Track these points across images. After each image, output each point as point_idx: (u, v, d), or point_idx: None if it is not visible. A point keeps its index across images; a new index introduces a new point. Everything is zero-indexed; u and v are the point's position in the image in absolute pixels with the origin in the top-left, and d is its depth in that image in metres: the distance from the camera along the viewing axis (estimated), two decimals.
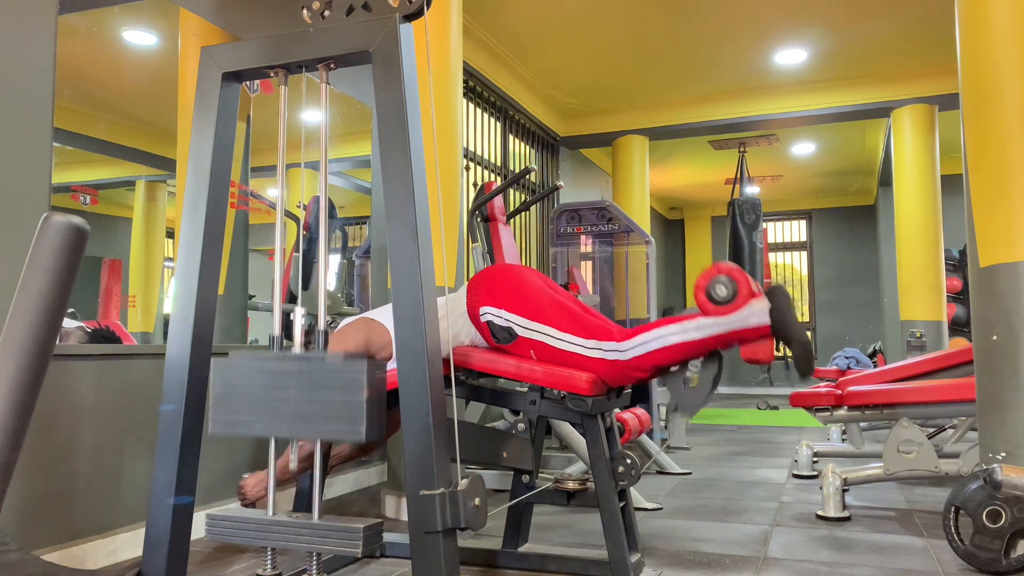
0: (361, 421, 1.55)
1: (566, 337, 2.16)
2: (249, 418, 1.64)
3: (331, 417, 1.57)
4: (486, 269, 2.35)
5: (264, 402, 1.63)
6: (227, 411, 1.66)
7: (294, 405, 1.60)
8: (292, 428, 1.61)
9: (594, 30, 5.67)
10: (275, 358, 1.64)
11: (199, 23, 3.13)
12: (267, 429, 1.63)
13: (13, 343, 1.06)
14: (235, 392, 1.66)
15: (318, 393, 1.59)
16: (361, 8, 1.74)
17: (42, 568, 1.19)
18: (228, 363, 1.67)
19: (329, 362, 1.59)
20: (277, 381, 1.63)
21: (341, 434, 1.56)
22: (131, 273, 2.89)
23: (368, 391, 1.56)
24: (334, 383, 1.58)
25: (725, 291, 1.99)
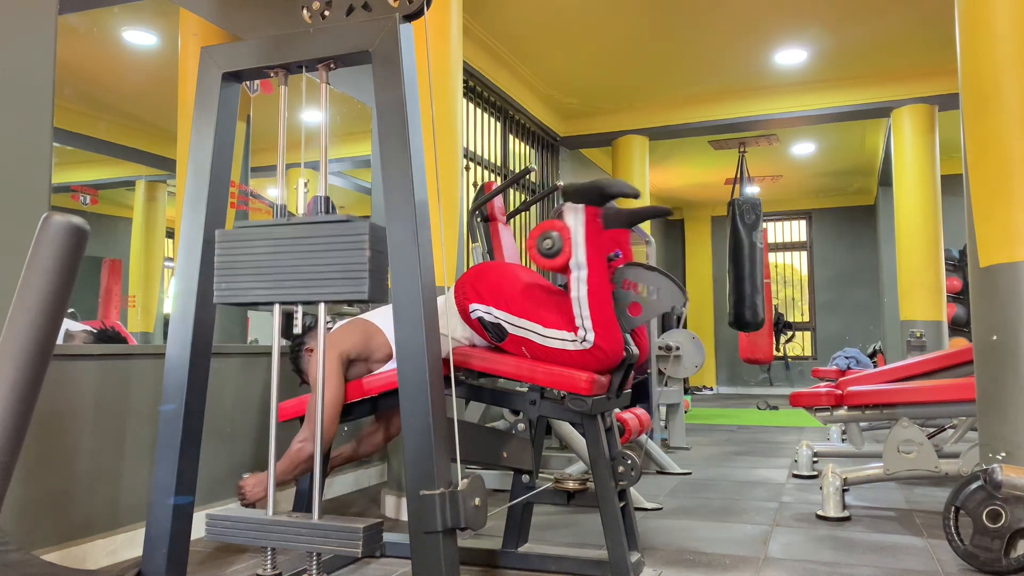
0: (364, 280, 1.58)
1: (551, 333, 2.15)
2: (253, 286, 1.67)
3: (334, 278, 1.60)
4: (472, 267, 2.35)
5: (267, 269, 1.66)
6: (231, 280, 1.69)
7: (297, 269, 1.63)
8: (295, 291, 1.63)
9: (594, 30, 5.67)
10: (277, 224, 1.67)
11: (199, 23, 3.13)
12: (270, 295, 1.65)
13: (13, 343, 1.06)
14: (238, 261, 1.69)
15: (320, 256, 1.62)
16: (361, 8, 1.74)
17: (42, 568, 1.19)
18: (231, 233, 1.70)
19: (331, 224, 1.62)
20: (280, 247, 1.66)
21: (344, 294, 1.59)
22: (131, 273, 2.89)
23: (370, 251, 1.59)
24: (336, 244, 1.61)
25: (551, 243, 2.16)
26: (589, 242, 2.12)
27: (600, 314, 2.10)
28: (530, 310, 2.18)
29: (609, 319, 2.11)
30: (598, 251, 2.13)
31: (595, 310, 2.09)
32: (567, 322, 2.14)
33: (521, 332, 2.18)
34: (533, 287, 2.26)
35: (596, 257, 2.12)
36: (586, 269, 2.11)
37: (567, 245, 2.13)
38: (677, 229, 12.57)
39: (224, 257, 1.70)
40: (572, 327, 2.12)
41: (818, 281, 11.68)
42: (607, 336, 2.10)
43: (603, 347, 2.10)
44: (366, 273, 1.58)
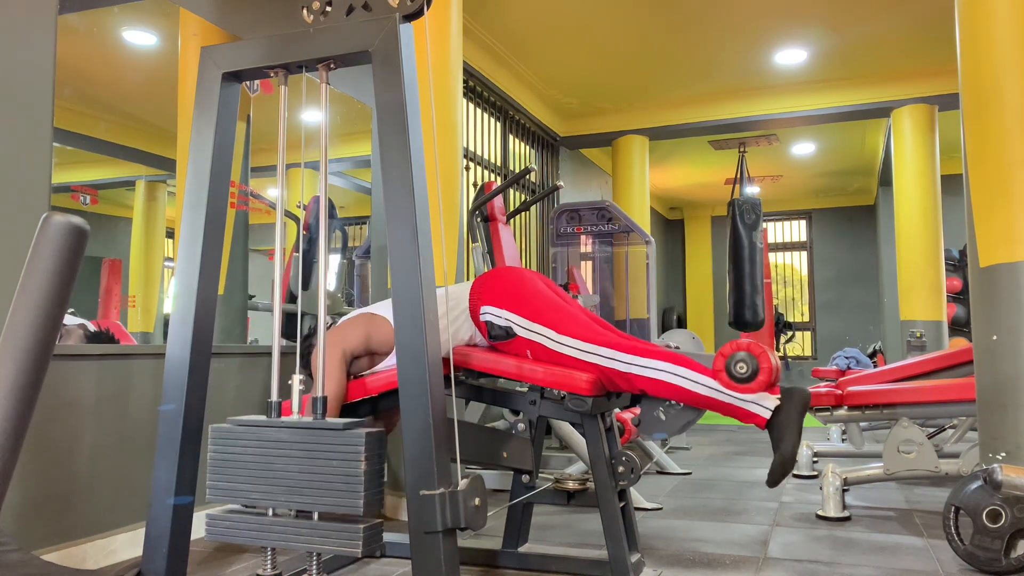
0: (359, 494, 1.53)
1: (563, 339, 2.16)
2: (246, 486, 1.64)
3: (328, 488, 1.56)
4: (491, 270, 2.36)
5: (261, 470, 1.62)
6: (224, 479, 1.66)
7: (290, 474, 1.59)
8: (288, 498, 1.60)
9: (594, 30, 5.67)
10: (271, 426, 1.63)
11: (199, 23, 3.13)
12: (264, 499, 1.62)
13: (13, 343, 1.06)
14: (232, 460, 1.66)
15: (315, 463, 1.57)
16: (361, 8, 1.74)
17: (42, 568, 1.19)
18: (224, 430, 1.67)
19: (326, 432, 1.57)
20: (273, 450, 1.62)
21: (338, 507, 1.55)
22: (131, 273, 2.89)
23: (366, 463, 1.54)
24: (331, 453, 1.56)
25: (744, 369, 2.00)
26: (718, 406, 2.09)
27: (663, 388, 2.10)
28: (545, 315, 2.20)
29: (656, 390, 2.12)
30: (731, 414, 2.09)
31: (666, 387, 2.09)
32: (580, 331, 2.15)
33: (531, 335, 2.19)
34: (549, 292, 2.28)
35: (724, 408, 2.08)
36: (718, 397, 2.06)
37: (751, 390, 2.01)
38: (677, 229, 12.56)
39: (218, 454, 1.67)
40: (587, 338, 2.14)
41: (818, 281, 11.67)
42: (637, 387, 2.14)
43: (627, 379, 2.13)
44: (361, 488, 1.53)
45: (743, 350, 1.99)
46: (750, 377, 1.98)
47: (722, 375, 2.01)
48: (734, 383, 2.00)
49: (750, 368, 1.98)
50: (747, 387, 1.99)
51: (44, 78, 2.41)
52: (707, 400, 2.06)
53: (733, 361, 1.99)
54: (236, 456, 1.65)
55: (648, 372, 2.09)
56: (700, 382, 2.06)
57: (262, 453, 1.63)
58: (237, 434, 1.65)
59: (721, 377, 2.02)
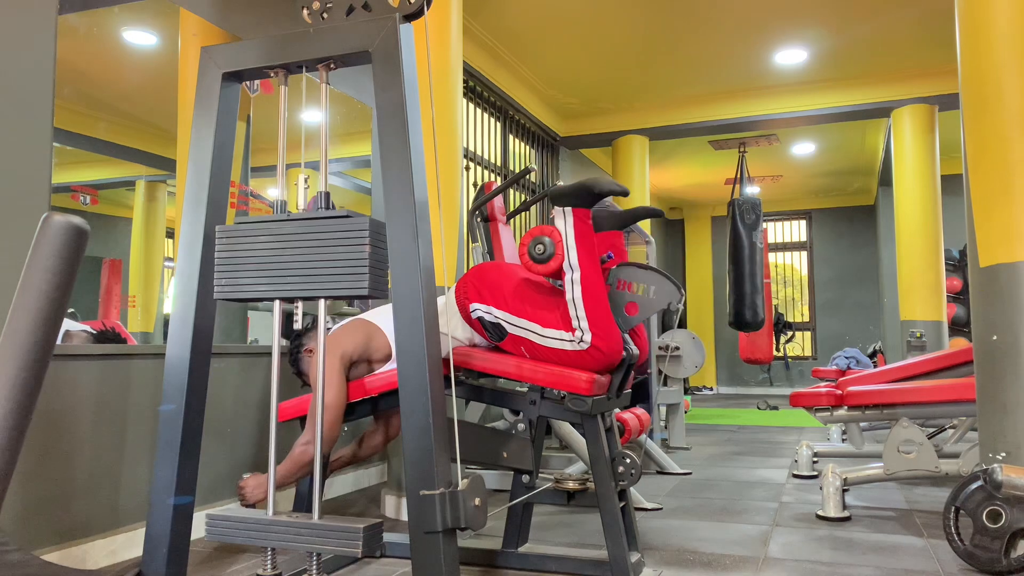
0: (364, 276, 1.58)
1: (549, 332, 2.15)
2: (253, 282, 1.67)
3: (334, 274, 1.60)
4: (473, 267, 2.35)
5: (268, 264, 1.66)
6: (231, 276, 1.69)
7: (297, 265, 1.64)
8: (295, 288, 1.63)
9: (594, 30, 5.67)
10: (277, 220, 1.67)
11: (199, 23, 3.13)
12: (270, 292, 1.66)
13: (13, 343, 1.06)
14: (239, 257, 1.69)
15: (321, 252, 1.62)
16: (361, 8, 1.74)
17: (42, 568, 1.19)
18: (231, 229, 1.70)
19: (331, 220, 1.62)
20: (280, 243, 1.66)
21: (345, 290, 1.59)
22: (131, 273, 2.89)
23: (371, 247, 1.59)
24: (336, 240, 1.61)
25: (543, 248, 2.16)
26: (580, 244, 2.13)
27: (596, 314, 2.10)
28: (529, 310, 2.18)
29: (606, 319, 2.11)
30: (590, 252, 2.13)
31: (591, 310, 2.10)
32: (565, 322, 2.13)
33: (520, 332, 2.18)
34: (532, 287, 2.26)
35: (588, 258, 2.12)
36: (579, 271, 2.11)
37: (559, 249, 2.14)
38: (677, 229, 12.57)
39: (224, 253, 1.70)
40: (570, 327, 2.12)
41: (818, 281, 11.68)
42: (604, 336, 2.10)
43: (600, 347, 2.10)
44: (366, 269, 1.58)
45: (533, 236, 2.17)
46: (551, 255, 2.15)
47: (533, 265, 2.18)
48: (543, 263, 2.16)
49: (547, 249, 2.15)
50: (555, 257, 2.15)
51: (44, 78, 2.41)
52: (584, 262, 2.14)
53: (532, 249, 2.17)
54: (243, 253, 1.69)
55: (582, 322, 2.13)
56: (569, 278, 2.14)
57: (269, 247, 1.67)
58: (244, 231, 1.69)
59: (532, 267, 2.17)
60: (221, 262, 1.70)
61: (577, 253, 2.12)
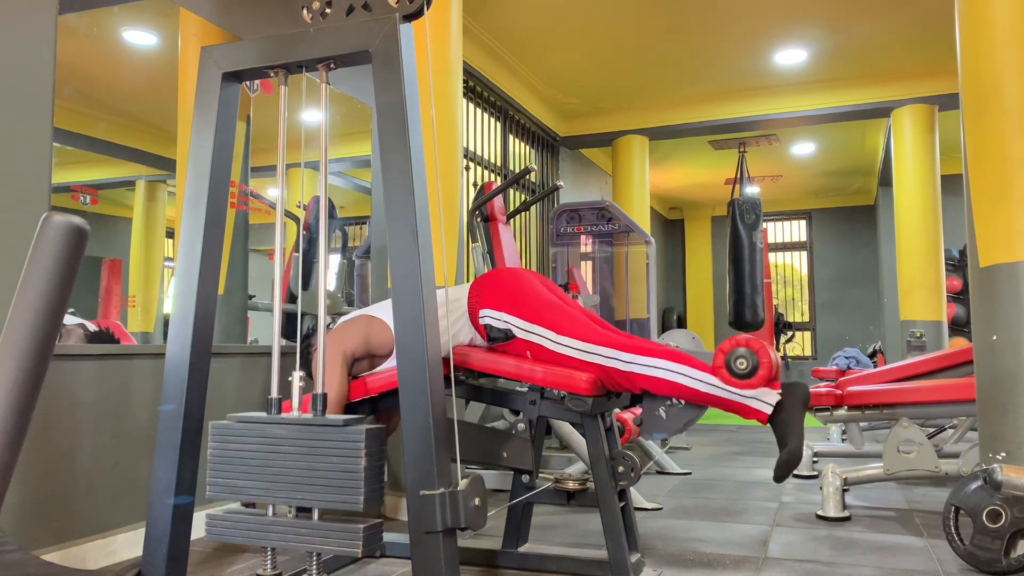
0: (359, 490, 1.53)
1: (563, 340, 2.16)
2: (246, 483, 1.63)
3: (328, 484, 1.55)
4: (489, 272, 2.36)
5: (261, 467, 1.62)
6: (224, 476, 1.65)
7: (291, 471, 1.59)
8: (289, 495, 1.59)
9: (594, 30, 5.67)
10: (271, 423, 1.63)
11: (199, 23, 3.13)
12: (264, 495, 1.62)
13: (13, 343, 1.06)
14: (232, 457, 1.65)
15: (315, 459, 1.57)
16: (361, 8, 1.74)
17: (42, 568, 1.19)
18: (224, 427, 1.66)
19: (326, 428, 1.57)
20: (273, 446, 1.61)
21: (338, 503, 1.55)
22: (131, 273, 2.89)
23: (366, 459, 1.54)
24: (332, 449, 1.56)
25: (744, 365, 2.01)
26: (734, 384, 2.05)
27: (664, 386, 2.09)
28: (544, 316, 2.19)
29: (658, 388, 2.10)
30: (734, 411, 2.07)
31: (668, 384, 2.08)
32: (580, 331, 2.15)
33: (530, 336, 2.19)
34: (548, 295, 2.28)
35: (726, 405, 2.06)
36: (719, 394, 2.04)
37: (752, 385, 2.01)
38: (677, 229, 12.56)
39: (218, 450, 1.66)
40: (586, 338, 2.13)
41: (818, 281, 11.67)
42: (639, 385, 2.12)
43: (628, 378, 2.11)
44: (362, 483, 1.53)
45: (743, 346, 1.99)
46: (750, 373, 1.98)
47: (722, 371, 2.01)
48: (734, 379, 2.00)
49: (750, 364, 1.98)
50: (748, 383, 1.99)
51: (44, 78, 2.41)
52: (708, 397, 2.06)
53: (733, 357, 2.00)
54: (236, 453, 1.65)
55: (649, 371, 2.09)
56: (701, 379, 2.05)
57: (262, 450, 1.62)
58: (237, 431, 1.65)
59: (721, 373, 2.02)
60: (214, 459, 1.66)
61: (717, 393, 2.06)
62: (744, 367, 1.99)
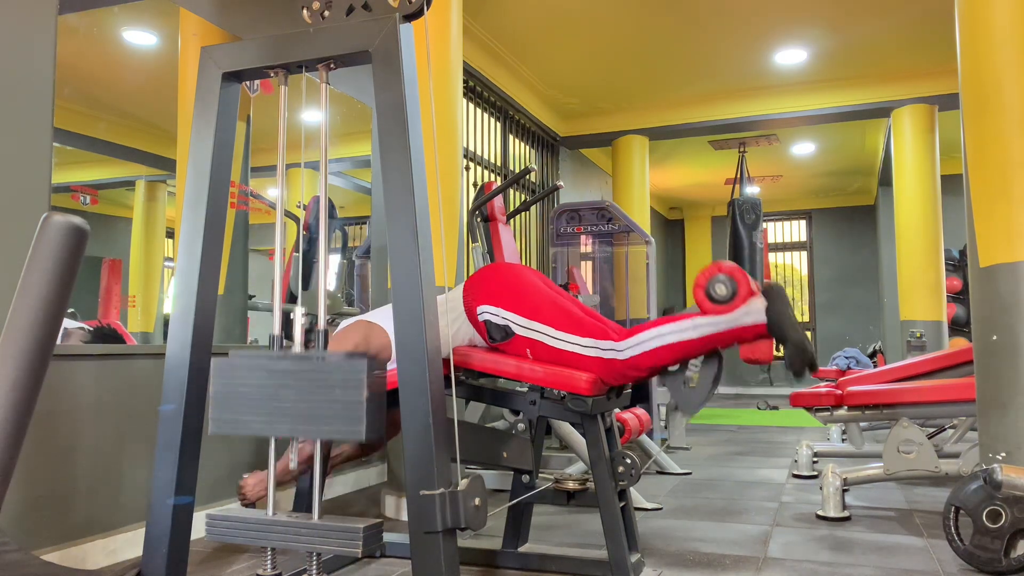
0: (360, 420, 1.54)
1: (563, 336, 2.15)
2: (248, 417, 1.64)
3: (330, 416, 1.57)
4: (482, 268, 2.35)
5: (263, 401, 1.63)
6: (226, 411, 1.66)
7: (293, 404, 1.60)
8: (291, 427, 1.60)
9: (594, 30, 5.67)
10: (274, 357, 1.64)
11: (199, 23, 3.13)
12: (266, 428, 1.62)
13: (13, 343, 1.06)
14: (234, 392, 1.65)
15: (317, 392, 1.58)
16: (361, 8, 1.74)
17: (42, 568, 1.19)
18: (227, 363, 1.67)
19: (328, 361, 1.59)
20: (276, 380, 1.62)
21: (340, 433, 1.56)
22: (131, 273, 2.89)
23: (367, 390, 1.55)
24: (333, 382, 1.57)
25: (724, 290, 2.00)
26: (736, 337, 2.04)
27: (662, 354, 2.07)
28: (542, 312, 2.19)
29: (659, 359, 2.09)
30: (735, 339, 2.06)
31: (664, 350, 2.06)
32: (579, 327, 2.14)
33: (530, 333, 2.18)
34: (545, 289, 2.26)
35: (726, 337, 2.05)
36: (705, 331, 2.03)
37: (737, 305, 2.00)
38: (677, 229, 12.56)
39: (220, 386, 1.67)
40: (586, 333, 2.13)
41: (818, 281, 11.67)
42: (643, 366, 2.11)
43: (630, 365, 2.11)
44: (363, 414, 1.54)
45: (716, 273, 2.02)
46: (731, 295, 2.00)
47: (706, 303, 2.02)
48: (718, 306, 2.01)
49: (729, 287, 2.00)
50: (732, 305, 2.00)
51: (44, 78, 2.41)
52: (707, 339, 2.05)
53: (712, 285, 2.01)
54: (239, 388, 1.66)
55: (643, 347, 2.09)
56: (693, 326, 2.05)
57: (265, 384, 1.63)
58: (240, 366, 1.66)
59: (707, 306, 2.02)
60: (217, 394, 1.67)
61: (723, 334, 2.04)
62: (724, 291, 2.00)
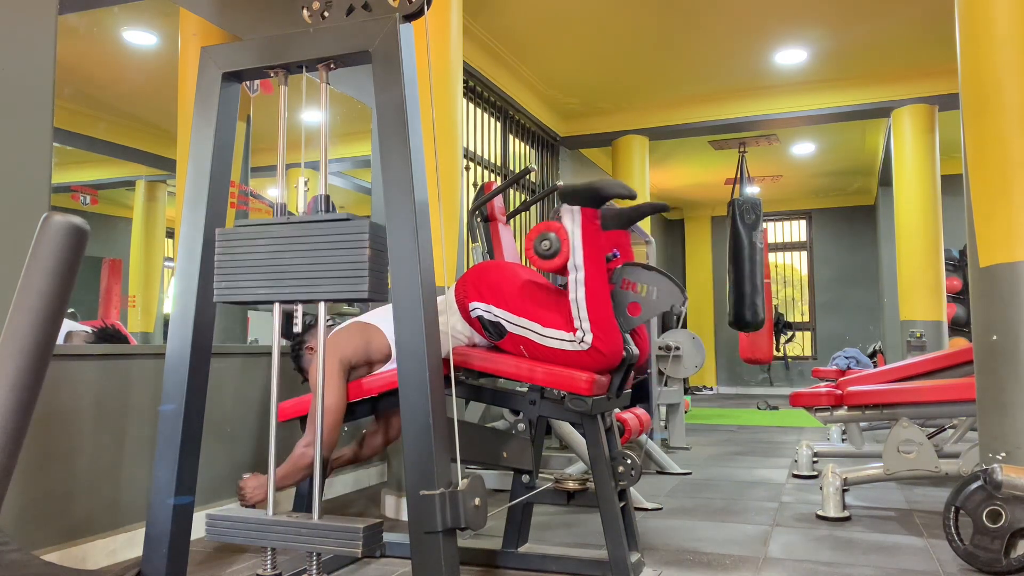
0: (364, 279, 1.58)
1: (550, 332, 2.15)
2: (253, 285, 1.67)
3: (334, 277, 1.60)
4: (473, 266, 2.35)
5: (267, 268, 1.66)
6: (231, 279, 1.69)
7: (297, 268, 1.63)
8: (295, 291, 1.63)
9: (594, 30, 5.67)
10: (277, 223, 1.66)
11: (199, 23, 3.13)
12: (270, 294, 1.65)
13: (13, 343, 1.06)
14: (239, 260, 1.69)
15: (320, 255, 1.62)
16: (361, 8, 1.74)
17: (42, 568, 1.19)
18: (231, 232, 1.70)
19: (330, 223, 1.61)
20: (280, 246, 1.66)
21: (344, 293, 1.59)
22: (131, 273, 2.89)
23: (371, 250, 1.58)
24: (336, 243, 1.61)
25: (548, 244, 2.17)
26: (586, 243, 2.12)
27: (598, 315, 2.09)
28: (529, 309, 2.18)
29: (608, 320, 2.11)
30: (596, 252, 2.13)
31: (593, 311, 2.09)
32: (566, 322, 2.13)
33: (520, 331, 2.18)
34: (533, 286, 2.26)
35: (594, 258, 2.12)
36: (583, 271, 2.11)
37: (564, 246, 2.14)
38: (677, 229, 12.57)
39: (224, 256, 1.70)
40: (571, 327, 2.12)
41: (818, 281, 11.68)
42: (605, 338, 2.10)
43: (601, 349, 2.10)
44: (366, 272, 1.58)
45: (542, 231, 2.18)
46: (555, 251, 2.16)
47: (536, 260, 2.19)
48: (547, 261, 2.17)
49: (553, 243, 2.16)
50: (562, 251, 2.15)
51: (44, 78, 2.41)
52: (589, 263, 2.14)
53: (538, 243, 2.18)
54: (243, 256, 1.69)
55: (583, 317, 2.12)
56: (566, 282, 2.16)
57: (269, 250, 1.67)
58: (244, 235, 1.69)
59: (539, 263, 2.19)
60: (221, 265, 1.70)
61: (583, 253, 2.12)
62: (549, 247, 2.17)
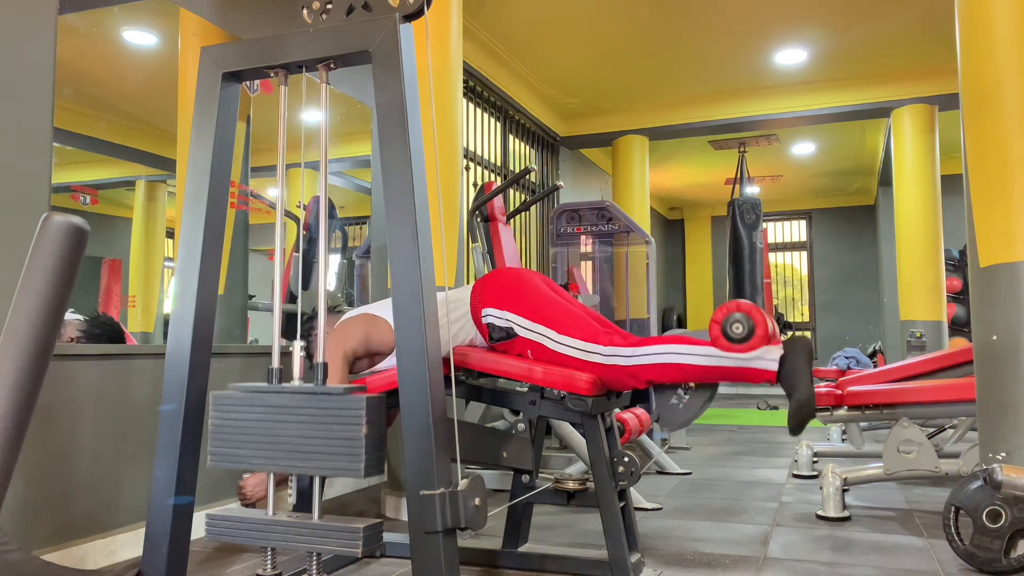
0: (360, 458, 1.53)
1: (564, 339, 2.16)
2: (247, 452, 1.64)
3: (330, 452, 1.56)
4: (491, 272, 2.36)
5: (262, 436, 1.63)
6: (225, 445, 1.65)
7: (292, 439, 1.60)
8: (290, 463, 1.60)
9: (594, 30, 5.67)
10: (273, 391, 1.63)
11: (199, 23, 3.13)
12: (265, 463, 1.62)
13: (13, 343, 1.06)
14: (233, 426, 1.65)
15: (316, 428, 1.58)
16: (361, 8, 1.74)
17: (42, 568, 1.19)
18: (226, 396, 1.67)
19: (327, 397, 1.58)
20: (275, 415, 1.62)
21: (340, 470, 1.55)
22: (131, 273, 2.89)
23: (367, 426, 1.54)
24: (332, 418, 1.56)
25: (740, 329, 1.99)
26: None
27: (666, 371, 2.07)
28: (546, 315, 2.20)
29: (660, 375, 2.09)
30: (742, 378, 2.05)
31: (669, 368, 2.06)
32: (581, 331, 2.15)
33: (532, 335, 2.19)
34: (550, 294, 2.28)
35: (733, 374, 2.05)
36: (722, 363, 2.03)
37: (753, 347, 1.99)
38: (677, 229, 12.57)
39: (219, 419, 1.67)
40: (588, 337, 2.13)
41: (818, 281, 11.68)
42: (642, 377, 2.10)
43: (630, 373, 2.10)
44: (362, 451, 1.54)
45: (735, 311, 1.99)
46: (747, 335, 1.98)
47: (721, 340, 2.01)
48: (733, 345, 1.99)
49: (746, 327, 1.98)
50: (747, 345, 1.99)
51: (44, 78, 2.41)
52: (714, 370, 2.04)
53: (728, 323, 1.99)
54: (237, 422, 1.66)
55: (650, 359, 2.08)
56: (702, 354, 2.04)
57: (264, 419, 1.63)
58: (239, 400, 1.66)
59: (720, 343, 2.01)
60: (216, 428, 1.67)
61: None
62: (740, 331, 1.98)
